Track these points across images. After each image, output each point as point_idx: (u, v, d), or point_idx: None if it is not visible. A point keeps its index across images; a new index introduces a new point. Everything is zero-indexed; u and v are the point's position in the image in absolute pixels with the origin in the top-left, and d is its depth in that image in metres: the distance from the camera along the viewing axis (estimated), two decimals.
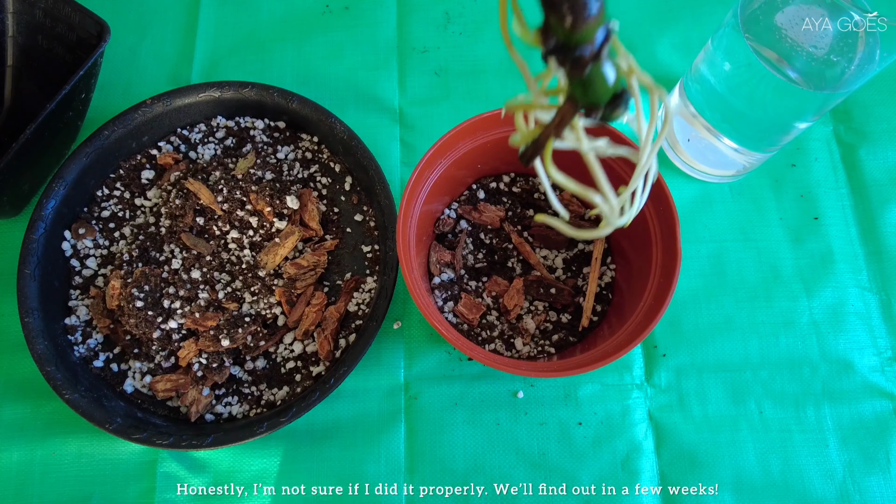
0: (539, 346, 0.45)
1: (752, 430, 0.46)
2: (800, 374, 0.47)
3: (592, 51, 0.21)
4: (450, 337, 0.37)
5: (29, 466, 0.44)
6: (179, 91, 0.49)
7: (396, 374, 0.47)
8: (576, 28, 0.20)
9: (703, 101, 0.47)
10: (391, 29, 0.58)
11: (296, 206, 0.48)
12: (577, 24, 0.19)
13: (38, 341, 0.42)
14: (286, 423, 0.41)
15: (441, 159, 0.41)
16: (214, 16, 0.58)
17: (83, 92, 0.47)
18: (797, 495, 0.44)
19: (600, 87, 0.22)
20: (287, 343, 0.46)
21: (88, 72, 0.44)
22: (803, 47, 0.39)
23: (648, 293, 0.39)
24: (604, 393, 0.47)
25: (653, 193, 0.40)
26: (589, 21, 0.20)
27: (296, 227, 0.47)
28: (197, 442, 0.40)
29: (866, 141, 0.54)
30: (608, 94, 0.23)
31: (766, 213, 0.52)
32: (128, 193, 0.50)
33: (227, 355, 0.45)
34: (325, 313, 0.46)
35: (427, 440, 0.45)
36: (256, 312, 0.45)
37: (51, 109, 0.42)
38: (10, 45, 0.50)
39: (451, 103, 0.55)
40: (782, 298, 0.49)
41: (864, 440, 0.45)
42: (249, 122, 0.52)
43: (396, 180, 0.52)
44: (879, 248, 0.50)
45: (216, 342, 0.43)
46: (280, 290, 0.46)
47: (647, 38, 0.57)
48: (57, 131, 0.46)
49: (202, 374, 0.44)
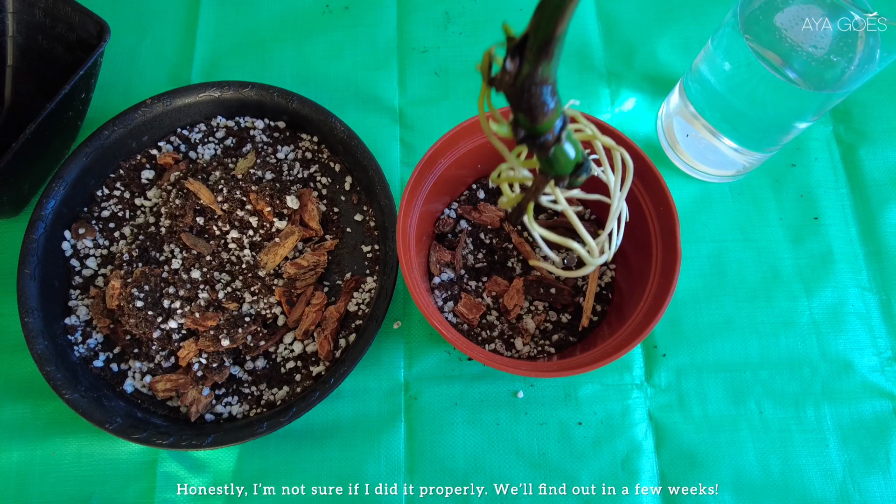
0: (539, 346, 0.45)
1: (752, 430, 0.46)
2: (800, 374, 0.47)
3: (553, 136, 0.26)
4: (450, 337, 0.37)
5: (29, 466, 0.44)
6: (179, 91, 0.49)
7: (396, 374, 0.47)
8: (537, 122, 0.24)
9: (703, 101, 0.47)
10: (391, 29, 0.58)
11: (296, 206, 0.48)
12: (537, 120, 0.24)
13: (38, 341, 0.42)
14: (286, 422, 0.41)
15: (441, 159, 0.41)
16: (214, 16, 0.58)
17: (83, 92, 0.47)
18: (797, 495, 0.44)
19: (564, 162, 0.27)
20: (287, 343, 0.46)
21: (88, 72, 0.44)
22: (803, 47, 0.39)
23: (648, 293, 0.39)
24: (604, 393, 0.47)
25: (653, 193, 0.40)
26: (547, 116, 0.24)
27: (296, 227, 0.47)
28: (197, 442, 0.40)
29: (866, 141, 0.54)
30: (571, 166, 0.28)
31: (766, 213, 0.52)
32: (128, 193, 0.50)
33: (227, 355, 0.45)
34: (325, 313, 0.46)
35: (427, 440, 0.45)
36: (256, 312, 0.45)
37: (51, 109, 0.42)
38: (10, 45, 0.50)
39: (451, 103, 0.55)
40: (782, 298, 0.49)
41: (863, 440, 0.45)
42: (249, 122, 0.52)
43: (396, 180, 0.52)
44: (879, 248, 0.51)
45: (216, 342, 0.43)
46: (280, 289, 0.46)
47: (647, 37, 0.57)
48: (57, 131, 0.46)
49: (202, 374, 0.44)
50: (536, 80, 0.23)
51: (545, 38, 0.21)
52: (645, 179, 0.40)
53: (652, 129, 0.54)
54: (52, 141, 0.47)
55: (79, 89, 0.45)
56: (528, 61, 0.22)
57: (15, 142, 0.41)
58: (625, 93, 0.56)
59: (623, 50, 0.57)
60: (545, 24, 0.21)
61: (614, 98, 0.55)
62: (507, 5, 0.59)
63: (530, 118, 0.24)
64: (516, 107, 0.24)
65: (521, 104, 0.24)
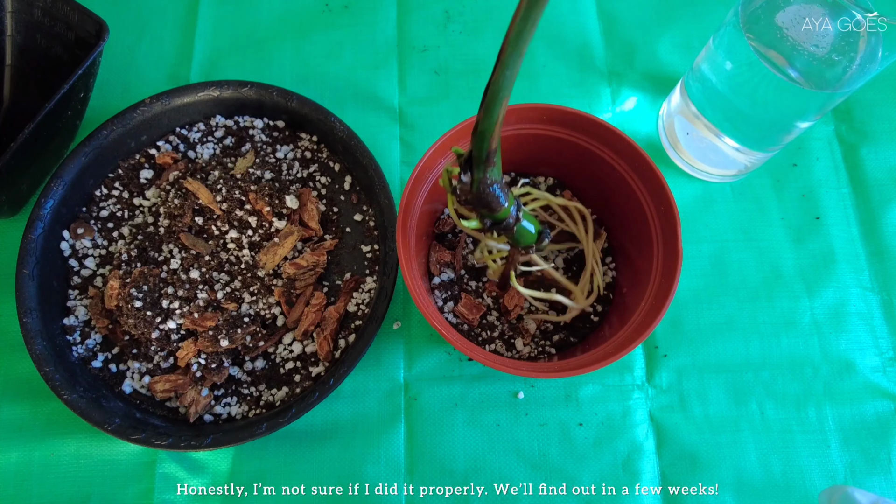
0: (539, 347, 0.44)
1: (754, 431, 0.46)
2: (801, 374, 0.47)
3: (513, 218, 0.32)
4: (450, 337, 0.37)
5: (28, 467, 0.44)
6: (178, 90, 0.49)
7: (396, 374, 0.47)
8: (496, 213, 0.31)
9: (704, 101, 0.47)
10: (391, 28, 0.58)
11: (295, 206, 0.48)
12: (496, 212, 0.31)
13: (37, 341, 0.42)
14: (285, 423, 0.41)
15: (441, 159, 0.41)
16: (213, 14, 0.58)
17: (82, 91, 0.47)
18: (798, 496, 0.44)
19: (527, 236, 0.35)
20: (286, 343, 0.46)
21: (87, 71, 0.44)
22: (804, 47, 0.38)
23: (649, 293, 0.39)
24: (605, 393, 0.46)
25: (654, 193, 0.40)
26: (503, 206, 0.31)
27: (295, 226, 0.47)
28: (196, 443, 0.40)
29: (868, 140, 0.53)
30: (533, 238, 0.35)
31: (767, 213, 0.51)
32: (126, 193, 0.49)
33: (226, 355, 0.44)
34: (325, 313, 0.45)
35: (427, 440, 0.45)
36: (255, 312, 0.45)
37: (49, 109, 0.42)
38: (9, 44, 0.50)
39: (451, 103, 0.55)
40: (784, 298, 0.49)
41: (865, 441, 0.45)
42: (248, 122, 0.51)
43: (396, 180, 0.52)
44: (881, 248, 0.50)
45: (215, 342, 0.43)
46: (279, 290, 0.46)
47: (648, 37, 0.57)
48: (55, 131, 0.46)
49: (201, 375, 0.44)
50: (487, 183, 0.29)
51: (484, 155, 0.27)
52: (646, 179, 0.40)
53: (653, 128, 0.54)
54: (51, 141, 0.46)
55: (77, 89, 0.45)
56: (476, 172, 0.28)
57: (13, 141, 0.41)
58: (626, 92, 0.55)
59: (624, 49, 0.57)
60: (481, 146, 0.27)
61: (615, 97, 0.55)
62: (508, 4, 0.58)
63: (490, 211, 0.31)
64: (478, 206, 0.31)
65: (481, 204, 0.30)
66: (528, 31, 0.23)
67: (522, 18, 0.22)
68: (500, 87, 0.24)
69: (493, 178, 0.29)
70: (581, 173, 0.45)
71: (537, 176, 0.48)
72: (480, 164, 0.28)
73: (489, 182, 0.29)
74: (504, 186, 0.30)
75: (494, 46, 0.57)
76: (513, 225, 0.33)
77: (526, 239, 0.35)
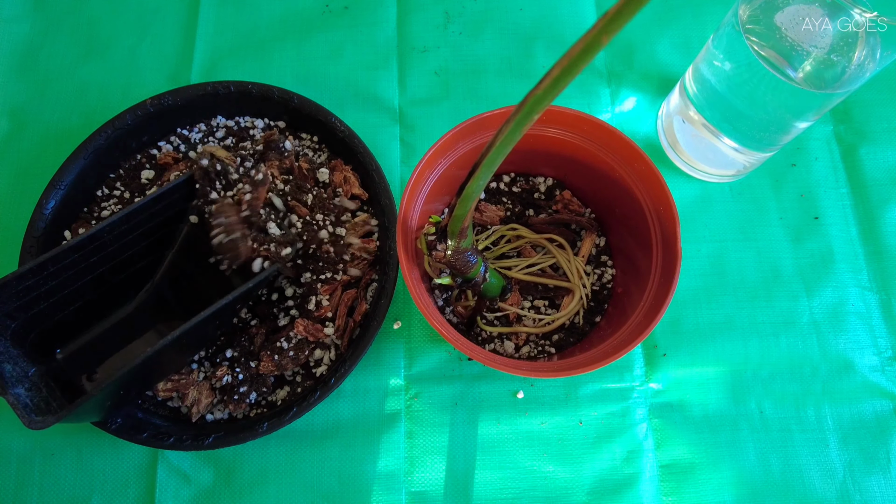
0: (539, 346, 0.45)
1: (753, 430, 0.46)
2: (800, 373, 0.47)
3: (481, 277, 0.38)
4: (450, 337, 0.37)
5: (28, 467, 0.44)
6: (179, 91, 0.49)
7: (396, 374, 0.47)
8: (467, 274, 0.36)
9: (703, 101, 0.47)
10: (391, 28, 0.58)
11: (327, 180, 0.48)
12: (467, 273, 0.36)
13: None
14: (287, 422, 0.41)
15: (441, 159, 0.41)
16: (214, 15, 0.58)
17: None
18: (797, 495, 0.44)
19: (493, 290, 0.41)
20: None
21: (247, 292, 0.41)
22: (803, 47, 0.39)
23: (649, 293, 0.39)
24: (604, 393, 0.47)
25: (653, 193, 0.40)
26: (473, 267, 0.36)
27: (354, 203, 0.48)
28: (197, 442, 0.40)
29: (866, 140, 0.54)
30: (499, 291, 0.42)
31: (766, 213, 0.52)
32: (128, 193, 0.50)
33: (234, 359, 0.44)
34: (344, 296, 0.45)
35: (427, 440, 0.45)
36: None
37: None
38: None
39: (451, 103, 0.55)
40: (782, 298, 0.49)
41: (864, 440, 0.45)
42: (249, 122, 0.52)
43: (396, 180, 0.52)
44: (879, 248, 0.50)
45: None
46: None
47: (648, 37, 0.57)
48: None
49: (203, 375, 0.44)
50: (460, 251, 0.34)
51: (458, 230, 0.32)
52: (645, 179, 0.40)
53: (652, 128, 0.54)
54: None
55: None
56: (451, 241, 0.33)
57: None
58: (625, 92, 0.56)
59: (623, 49, 0.57)
60: (455, 223, 0.31)
61: (614, 98, 0.55)
62: (508, 5, 0.59)
63: (462, 273, 0.36)
64: (452, 269, 0.35)
65: (455, 267, 0.35)
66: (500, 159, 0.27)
67: (497, 150, 0.26)
68: (472, 191, 0.29)
69: (466, 247, 0.34)
70: (580, 173, 0.45)
71: (537, 176, 0.49)
72: (454, 237, 0.32)
73: (462, 249, 0.34)
74: (475, 251, 0.35)
75: (494, 47, 0.57)
76: (481, 282, 0.38)
77: (492, 293, 0.41)
